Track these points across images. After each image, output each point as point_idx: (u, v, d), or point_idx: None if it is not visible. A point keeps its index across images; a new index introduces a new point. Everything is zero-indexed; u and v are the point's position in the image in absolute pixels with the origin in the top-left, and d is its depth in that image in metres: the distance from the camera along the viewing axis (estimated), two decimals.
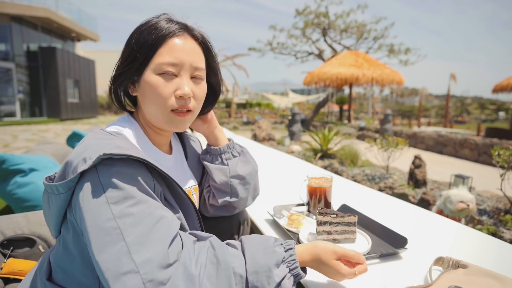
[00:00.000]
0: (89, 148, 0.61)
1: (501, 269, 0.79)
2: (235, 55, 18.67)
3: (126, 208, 0.56)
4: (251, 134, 7.87)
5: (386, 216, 1.21)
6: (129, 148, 0.62)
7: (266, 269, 0.59)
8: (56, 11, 14.96)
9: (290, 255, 0.63)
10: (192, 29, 0.76)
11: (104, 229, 0.55)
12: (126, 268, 0.52)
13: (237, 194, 0.93)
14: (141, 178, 0.61)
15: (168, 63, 0.70)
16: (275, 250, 0.63)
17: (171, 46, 0.70)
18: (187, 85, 0.71)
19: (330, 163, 4.59)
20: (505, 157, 2.77)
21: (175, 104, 0.71)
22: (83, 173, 0.59)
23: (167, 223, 0.59)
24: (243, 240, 0.65)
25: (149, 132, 0.79)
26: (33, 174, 1.86)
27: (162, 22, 0.72)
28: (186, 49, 0.72)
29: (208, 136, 0.95)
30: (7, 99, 13.63)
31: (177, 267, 0.55)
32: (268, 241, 0.65)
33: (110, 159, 0.59)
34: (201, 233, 0.67)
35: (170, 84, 0.70)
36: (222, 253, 0.59)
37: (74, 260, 0.65)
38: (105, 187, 0.57)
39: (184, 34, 0.73)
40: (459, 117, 33.21)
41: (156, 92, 0.70)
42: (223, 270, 0.57)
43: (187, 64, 0.71)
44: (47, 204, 0.66)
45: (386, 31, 16.59)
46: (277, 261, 0.61)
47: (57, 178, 0.64)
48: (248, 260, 0.60)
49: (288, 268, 0.62)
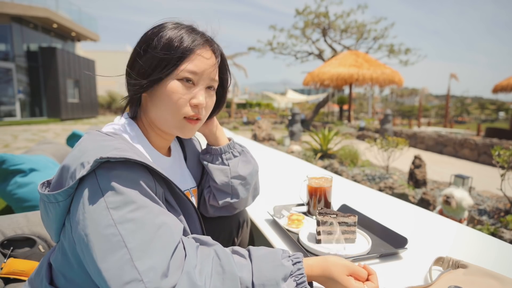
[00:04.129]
0: (87, 151, 0.59)
1: (501, 269, 0.79)
2: (235, 54, 18.66)
3: (127, 214, 0.55)
4: (251, 134, 7.87)
5: (386, 216, 1.21)
6: (128, 150, 0.61)
7: (274, 282, 0.58)
8: (56, 11, 14.95)
9: (297, 269, 0.62)
10: (213, 42, 0.77)
11: (105, 235, 0.53)
12: (129, 277, 0.50)
13: (237, 195, 0.93)
14: (142, 181, 0.59)
15: (189, 71, 0.70)
16: (283, 263, 0.61)
17: (195, 56, 0.71)
18: (203, 95, 0.73)
19: (330, 163, 4.59)
20: (505, 157, 2.77)
21: (190, 112, 0.72)
22: (82, 178, 0.57)
23: (170, 229, 0.58)
24: (251, 251, 0.64)
25: (150, 134, 0.78)
26: (33, 174, 1.86)
27: (186, 32, 0.72)
28: (207, 61, 0.73)
29: (208, 136, 0.95)
30: (7, 99, 13.63)
31: (181, 276, 0.53)
32: (276, 254, 0.64)
33: (108, 162, 0.57)
34: (204, 237, 0.66)
35: (187, 91, 0.71)
36: (227, 263, 0.58)
37: (73, 266, 0.64)
38: (104, 191, 0.56)
39: (206, 46, 0.74)
40: (459, 117, 33.20)
41: (173, 97, 0.70)
42: (230, 280, 0.56)
43: (205, 75, 0.73)
44: (45, 212, 0.65)
45: (386, 31, 16.61)
46: (284, 275, 0.60)
47: (54, 184, 0.62)
48: (256, 272, 0.59)
49: (295, 282, 0.61)
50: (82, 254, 0.57)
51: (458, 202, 2.35)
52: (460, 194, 2.37)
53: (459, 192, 2.39)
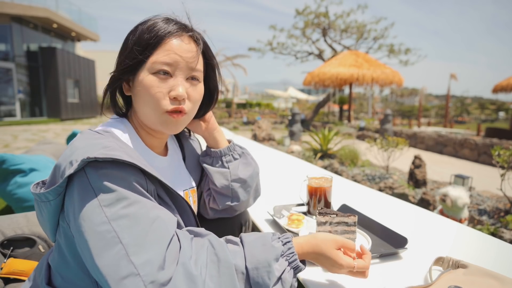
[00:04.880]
0: (77, 150, 0.59)
1: (501, 269, 0.79)
2: (235, 55, 18.67)
3: (120, 210, 0.55)
4: (251, 134, 7.87)
5: (386, 216, 1.21)
6: (117, 148, 0.60)
7: (266, 264, 0.59)
8: (56, 11, 14.96)
9: (288, 248, 0.64)
10: (191, 29, 0.74)
11: (99, 233, 0.53)
12: (125, 271, 0.51)
13: (238, 198, 0.92)
14: (132, 179, 0.59)
15: (162, 62, 0.68)
16: (273, 245, 0.63)
17: (168, 46, 0.69)
18: (182, 86, 0.69)
19: (330, 163, 4.59)
20: (505, 157, 2.77)
21: (169, 105, 0.69)
22: (72, 177, 0.58)
23: (164, 222, 0.58)
24: (243, 237, 0.65)
25: (141, 133, 0.77)
26: (33, 174, 1.86)
27: (160, 21, 0.70)
28: (183, 50, 0.70)
29: (207, 138, 0.93)
30: (7, 99, 13.63)
31: (177, 267, 0.54)
32: (266, 237, 0.65)
33: (97, 161, 0.57)
34: (197, 229, 0.66)
35: (164, 84, 0.69)
36: (222, 251, 0.59)
37: (69, 265, 0.64)
38: (96, 190, 0.56)
39: (182, 34, 0.71)
40: (459, 117, 33.18)
41: (150, 92, 0.68)
42: (225, 268, 0.57)
43: (182, 64, 0.70)
44: (39, 212, 0.65)
45: (386, 31, 16.60)
46: (276, 255, 0.61)
47: (48, 183, 0.62)
48: (248, 257, 0.60)
49: (287, 261, 0.62)
50: (81, 251, 0.57)
51: (453, 201, 2.36)
52: (456, 193, 2.38)
53: (455, 191, 2.40)
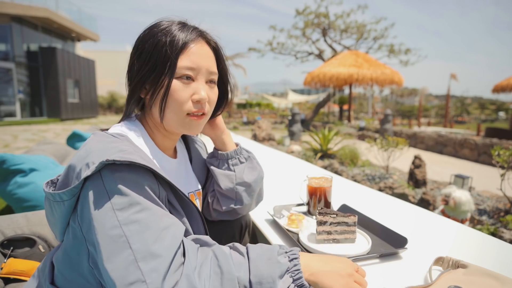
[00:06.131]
0: (92, 152, 0.60)
1: (501, 269, 0.79)
2: (235, 55, 18.67)
3: (132, 215, 0.56)
4: (251, 134, 7.87)
5: (386, 216, 1.21)
6: (133, 152, 0.61)
7: (270, 280, 0.59)
8: (56, 11, 14.96)
9: (294, 265, 0.63)
10: (207, 35, 0.77)
11: (111, 236, 0.54)
12: (133, 277, 0.52)
13: (241, 201, 0.93)
14: (146, 184, 0.60)
15: (186, 67, 0.70)
16: (279, 261, 0.62)
17: (190, 52, 0.71)
18: (204, 89, 0.73)
19: (330, 163, 4.59)
20: (505, 157, 2.77)
21: (192, 108, 0.72)
22: (87, 179, 0.58)
23: (173, 231, 0.58)
24: (249, 249, 0.64)
25: (156, 135, 0.78)
26: (33, 174, 1.85)
27: (177, 27, 0.72)
28: (203, 55, 0.73)
29: (215, 140, 0.95)
30: (7, 99, 13.64)
31: (181, 278, 0.54)
32: (273, 251, 0.64)
33: (114, 164, 0.58)
34: (204, 238, 0.66)
35: (188, 88, 0.71)
36: (225, 263, 0.59)
37: (74, 265, 0.65)
38: (110, 193, 0.57)
39: (200, 40, 0.74)
40: (459, 117, 33.15)
41: (173, 96, 0.70)
42: (228, 280, 0.57)
43: (203, 69, 0.73)
44: (50, 211, 0.65)
45: (386, 32, 16.61)
46: (281, 272, 0.60)
47: (60, 183, 0.63)
48: (253, 270, 0.59)
49: (291, 278, 0.61)
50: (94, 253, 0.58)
51: (457, 203, 2.36)
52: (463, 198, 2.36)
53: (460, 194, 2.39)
